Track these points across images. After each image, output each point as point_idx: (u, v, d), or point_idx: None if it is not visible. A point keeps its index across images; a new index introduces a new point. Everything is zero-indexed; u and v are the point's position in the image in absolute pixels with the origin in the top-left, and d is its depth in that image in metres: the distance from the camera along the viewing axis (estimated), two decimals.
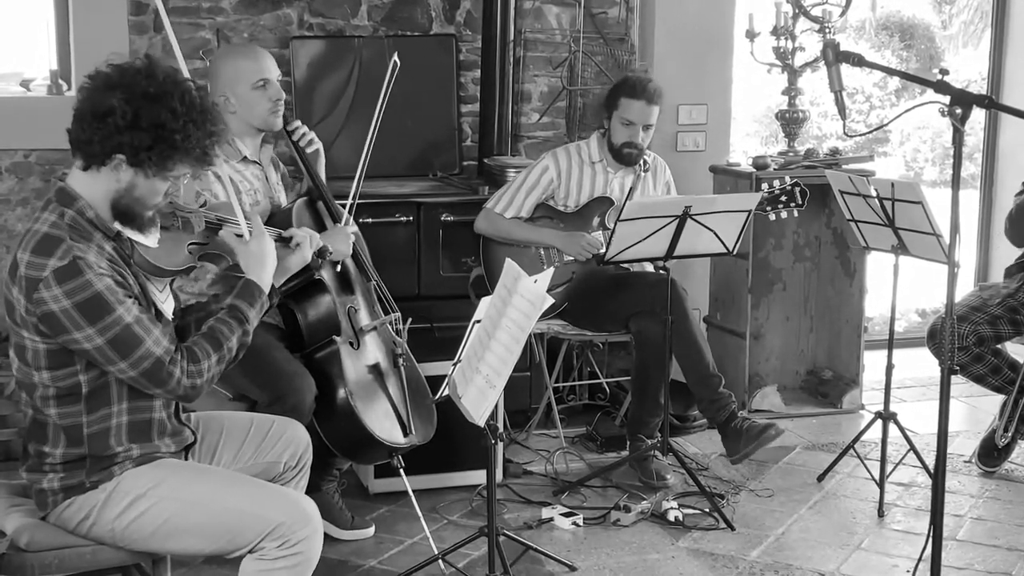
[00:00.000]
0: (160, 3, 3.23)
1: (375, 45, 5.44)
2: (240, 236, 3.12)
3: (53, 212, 2.81)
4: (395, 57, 4.03)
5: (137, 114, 2.73)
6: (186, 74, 2.92)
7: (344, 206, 4.10)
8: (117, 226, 2.86)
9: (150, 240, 2.92)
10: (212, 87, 4.02)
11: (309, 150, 4.16)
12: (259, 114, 4.02)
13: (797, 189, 4.67)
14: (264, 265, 3.09)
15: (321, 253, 3.50)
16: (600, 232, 4.82)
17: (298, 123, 4.17)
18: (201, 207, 3.15)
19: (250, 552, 2.90)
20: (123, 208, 2.84)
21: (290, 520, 2.89)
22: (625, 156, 4.85)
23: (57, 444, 2.87)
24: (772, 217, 4.74)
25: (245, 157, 4.07)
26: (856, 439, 4.77)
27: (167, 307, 3.03)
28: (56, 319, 2.72)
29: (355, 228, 4.12)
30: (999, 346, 4.82)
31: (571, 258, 4.86)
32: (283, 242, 3.34)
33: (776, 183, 4.69)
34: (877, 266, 5.41)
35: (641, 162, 4.91)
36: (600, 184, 4.94)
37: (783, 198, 4.67)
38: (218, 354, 2.90)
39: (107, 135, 2.74)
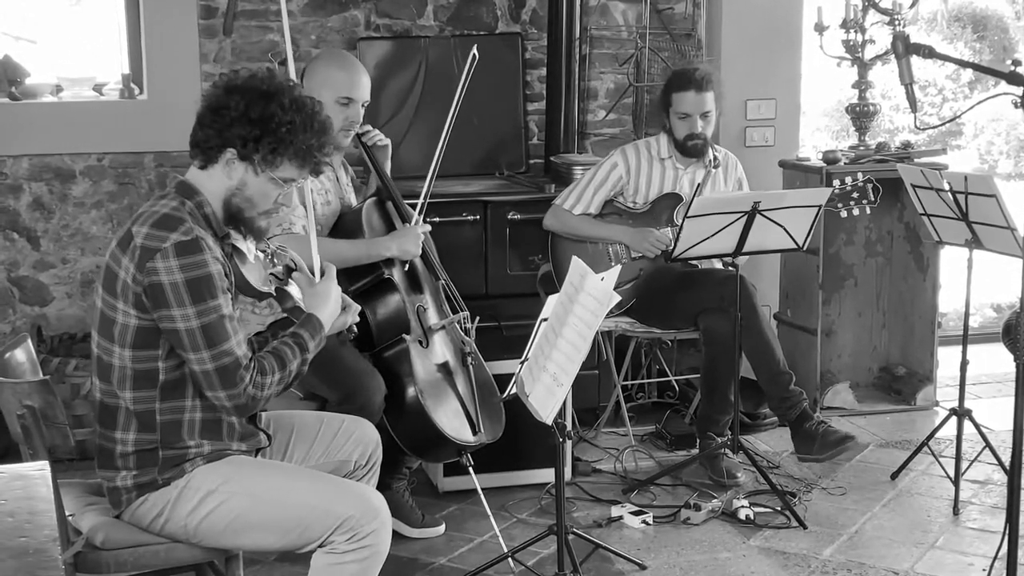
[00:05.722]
0: None
1: (441, 45, 5.46)
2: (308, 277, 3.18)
3: (174, 199, 2.91)
4: (474, 50, 4.06)
5: (248, 107, 2.88)
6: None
7: (414, 206, 4.13)
8: (228, 229, 2.97)
9: (248, 247, 3.01)
10: (305, 83, 4.07)
11: (380, 144, 4.19)
12: None
13: (870, 185, 4.54)
14: (327, 305, 3.12)
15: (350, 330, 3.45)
16: (669, 229, 4.78)
17: (368, 127, 4.19)
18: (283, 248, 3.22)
19: (320, 546, 2.93)
20: (234, 209, 2.95)
21: (359, 513, 2.91)
22: (691, 148, 4.81)
23: (128, 428, 2.90)
24: (843, 215, 4.64)
25: None
26: (930, 436, 4.71)
27: None
28: (162, 291, 2.79)
29: (427, 228, 4.14)
30: None
31: (639, 255, 4.84)
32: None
33: (848, 179, 4.57)
34: (951, 260, 5.33)
35: (711, 158, 4.87)
36: (670, 180, 4.90)
37: (855, 195, 4.56)
38: (280, 374, 2.93)
39: (220, 128, 2.89)
